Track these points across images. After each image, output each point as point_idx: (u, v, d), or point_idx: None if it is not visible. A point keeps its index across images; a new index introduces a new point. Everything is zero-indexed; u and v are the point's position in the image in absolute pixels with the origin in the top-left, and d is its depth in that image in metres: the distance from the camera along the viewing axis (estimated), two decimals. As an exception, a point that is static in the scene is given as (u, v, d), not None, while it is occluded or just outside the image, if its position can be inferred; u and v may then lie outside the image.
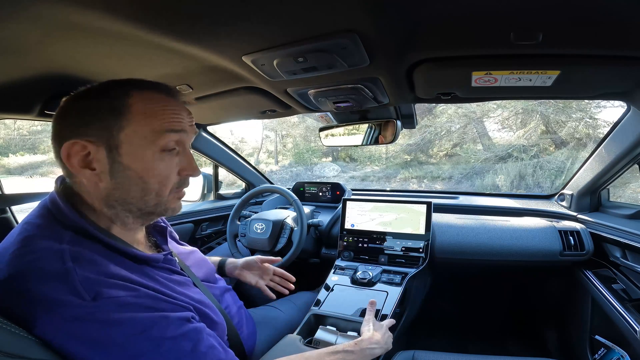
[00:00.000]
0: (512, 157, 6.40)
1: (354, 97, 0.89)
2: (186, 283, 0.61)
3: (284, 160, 9.97)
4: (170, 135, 0.52)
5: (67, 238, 0.48)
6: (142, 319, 0.46)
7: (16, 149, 9.83)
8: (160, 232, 0.68)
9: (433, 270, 1.33)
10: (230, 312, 0.74)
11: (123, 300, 0.46)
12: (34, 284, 0.43)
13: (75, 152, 0.49)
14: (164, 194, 0.54)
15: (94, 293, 0.44)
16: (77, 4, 0.45)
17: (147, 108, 0.51)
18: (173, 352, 0.47)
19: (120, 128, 0.49)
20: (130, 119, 0.50)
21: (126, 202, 0.53)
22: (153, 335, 0.46)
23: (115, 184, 0.51)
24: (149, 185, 0.52)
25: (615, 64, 0.63)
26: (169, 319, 0.48)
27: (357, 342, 0.72)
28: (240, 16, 0.51)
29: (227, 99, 0.97)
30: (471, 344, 1.53)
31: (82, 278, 0.44)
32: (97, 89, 0.52)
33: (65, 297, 0.43)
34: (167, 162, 0.53)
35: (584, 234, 1.18)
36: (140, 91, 0.52)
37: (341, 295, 1.09)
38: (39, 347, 0.41)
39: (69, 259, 0.45)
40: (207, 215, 1.59)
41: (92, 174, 0.50)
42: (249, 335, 0.79)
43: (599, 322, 1.12)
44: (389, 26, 0.54)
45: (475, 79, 0.73)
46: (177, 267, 0.62)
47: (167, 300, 0.51)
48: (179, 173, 0.56)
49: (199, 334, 0.51)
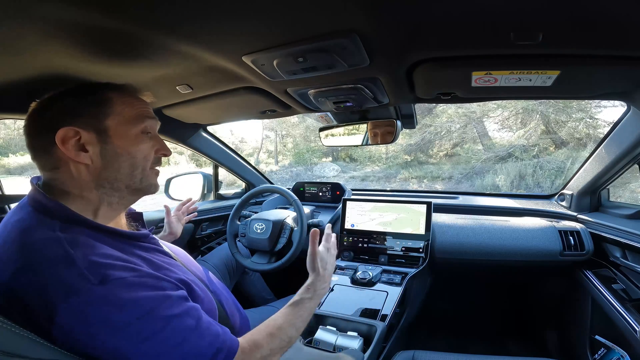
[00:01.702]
0: (512, 157, 6.40)
1: (354, 97, 0.89)
2: (175, 264, 0.63)
3: (284, 160, 9.97)
4: (146, 120, 0.61)
5: (58, 226, 0.49)
6: (148, 299, 0.48)
7: (16, 149, 9.83)
8: (137, 219, 0.71)
9: (433, 270, 1.33)
10: (219, 298, 0.75)
11: (129, 281, 0.47)
12: (45, 272, 0.44)
13: (69, 137, 0.53)
14: (147, 168, 0.61)
15: (100, 276, 0.45)
16: (77, 4, 0.45)
17: (125, 100, 0.60)
18: (180, 329, 0.49)
19: (106, 115, 0.56)
20: (113, 108, 0.57)
21: (116, 180, 0.58)
22: (161, 314, 0.48)
23: (106, 163, 0.56)
24: (136, 161, 0.59)
25: (615, 64, 0.63)
26: (172, 297, 0.51)
27: (309, 285, 0.73)
28: (240, 16, 0.51)
29: (227, 99, 0.97)
30: (471, 344, 1.53)
31: (85, 262, 0.46)
32: (77, 87, 0.58)
33: (76, 282, 0.44)
34: (146, 142, 0.61)
35: (584, 234, 1.18)
36: (115, 88, 0.60)
37: (341, 295, 1.09)
38: (40, 347, 0.41)
39: (67, 245, 0.47)
40: (207, 215, 1.59)
41: (85, 155, 0.55)
42: (241, 325, 0.79)
43: (599, 322, 1.12)
44: (389, 26, 0.54)
45: (475, 79, 0.73)
46: (161, 247, 0.65)
47: (164, 278, 0.53)
48: (155, 152, 0.64)
49: (198, 310, 0.54)
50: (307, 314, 0.69)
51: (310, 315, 0.70)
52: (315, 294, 0.72)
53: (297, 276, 1.01)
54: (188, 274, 0.63)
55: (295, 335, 0.65)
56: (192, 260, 0.79)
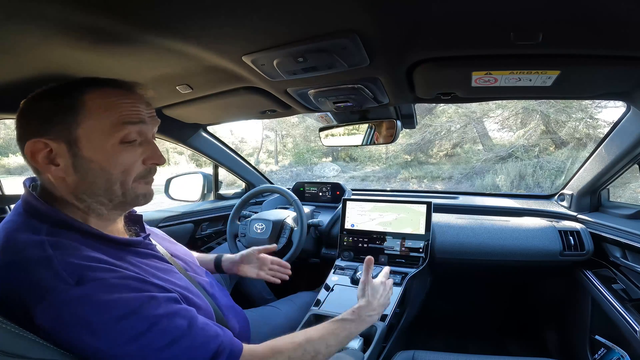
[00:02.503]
0: (512, 157, 6.39)
1: (354, 97, 0.88)
2: (170, 270, 0.61)
3: (284, 160, 9.97)
4: (128, 127, 0.53)
5: (45, 230, 0.49)
6: (130, 299, 0.46)
7: (16, 149, 9.81)
8: (136, 221, 0.69)
9: (433, 270, 1.33)
10: (218, 302, 0.72)
11: (108, 282, 0.46)
12: (22, 273, 0.44)
13: (37, 149, 0.51)
14: (128, 182, 0.56)
15: (76, 277, 0.44)
16: (76, 4, 0.45)
17: (103, 103, 0.53)
18: (169, 330, 0.47)
19: (78, 124, 0.51)
20: (87, 114, 0.51)
21: (94, 194, 0.54)
22: (145, 314, 0.46)
23: (80, 177, 0.52)
24: (113, 176, 0.54)
25: (615, 64, 0.63)
26: (157, 298, 0.48)
27: (355, 309, 0.70)
28: (240, 16, 0.51)
29: (227, 99, 0.97)
30: (471, 344, 1.53)
31: (63, 263, 0.45)
32: (53, 90, 0.54)
33: (52, 283, 0.43)
34: (129, 152, 0.54)
35: (584, 234, 1.18)
36: (95, 88, 0.53)
37: (341, 295, 1.09)
38: (40, 347, 0.41)
39: (49, 247, 0.46)
40: (207, 215, 1.59)
41: (58, 169, 0.52)
42: (243, 332, 0.77)
43: (599, 322, 1.12)
44: (389, 26, 0.54)
45: (475, 79, 0.73)
46: (158, 253, 0.63)
47: (152, 283, 0.51)
48: (144, 162, 0.57)
49: (190, 312, 0.51)
50: (344, 336, 0.65)
51: (347, 338, 0.66)
52: (360, 318, 0.69)
53: (297, 276, 1.01)
54: (183, 280, 0.61)
55: (324, 352, 0.60)
56: (195, 262, 0.77)
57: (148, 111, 0.58)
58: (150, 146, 0.58)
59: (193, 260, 0.78)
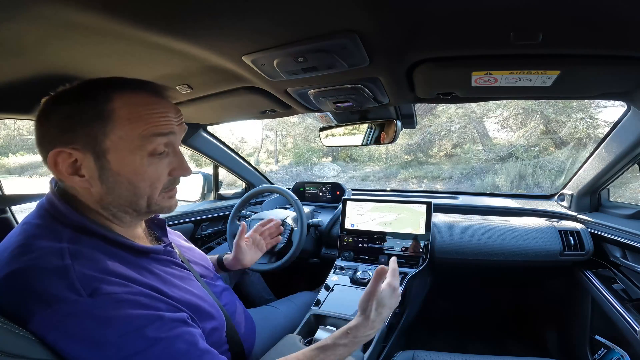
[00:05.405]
0: (512, 157, 6.39)
1: (354, 97, 0.88)
2: (187, 277, 0.62)
3: (284, 160, 9.96)
4: (158, 139, 0.51)
5: (67, 236, 0.48)
6: (137, 317, 0.46)
7: (16, 149, 9.83)
8: (159, 225, 0.68)
9: (433, 270, 1.33)
10: (229, 310, 0.74)
11: (119, 297, 0.46)
12: (34, 281, 0.44)
13: (62, 160, 0.48)
14: (155, 195, 0.54)
15: (91, 289, 0.44)
16: (76, 4, 0.45)
17: (131, 112, 0.49)
18: (167, 353, 0.46)
19: (105, 134, 0.48)
20: (115, 125, 0.48)
21: (120, 205, 0.53)
22: (147, 335, 0.45)
23: (107, 189, 0.51)
24: (140, 190, 0.52)
25: (615, 64, 0.63)
26: (163, 319, 0.48)
27: (351, 330, 0.61)
28: (240, 16, 0.51)
29: (227, 99, 0.97)
30: (471, 344, 1.53)
31: (80, 274, 0.45)
32: (77, 91, 0.50)
33: (63, 293, 0.43)
34: (156, 165, 0.52)
35: (584, 234, 1.18)
36: (123, 93, 0.50)
37: (341, 295, 1.09)
38: (40, 347, 0.41)
39: (68, 256, 0.46)
40: (207, 215, 1.59)
41: (82, 180, 0.49)
42: (248, 334, 0.79)
43: (599, 322, 1.12)
44: (389, 26, 0.54)
45: (475, 79, 0.73)
46: (177, 259, 0.63)
47: (164, 300, 0.51)
48: (169, 173, 0.55)
49: (193, 336, 0.51)
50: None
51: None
52: (354, 341, 0.60)
53: (297, 276, 1.01)
54: (199, 288, 0.61)
55: None
56: (210, 268, 0.78)
57: (177, 118, 0.54)
58: (177, 157, 0.55)
59: (209, 266, 0.78)
